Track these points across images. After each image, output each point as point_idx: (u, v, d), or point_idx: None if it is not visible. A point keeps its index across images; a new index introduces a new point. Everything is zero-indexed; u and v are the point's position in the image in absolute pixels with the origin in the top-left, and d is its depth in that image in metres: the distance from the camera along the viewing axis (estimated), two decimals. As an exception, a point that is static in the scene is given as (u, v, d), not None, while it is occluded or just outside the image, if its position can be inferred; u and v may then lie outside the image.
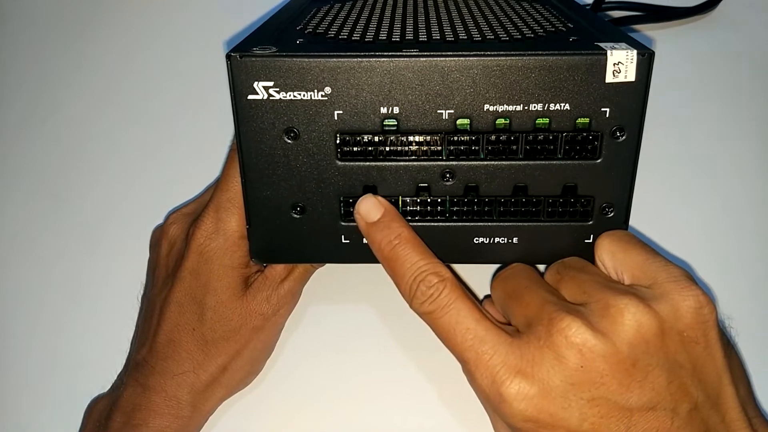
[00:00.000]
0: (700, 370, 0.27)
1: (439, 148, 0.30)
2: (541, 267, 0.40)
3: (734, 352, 0.34)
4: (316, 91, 0.29)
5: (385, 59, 0.28)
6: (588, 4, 0.52)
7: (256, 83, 0.29)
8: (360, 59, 0.28)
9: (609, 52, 0.28)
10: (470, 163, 0.30)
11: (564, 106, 0.29)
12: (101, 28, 0.55)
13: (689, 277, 0.28)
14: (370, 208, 0.31)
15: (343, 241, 0.32)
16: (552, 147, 0.30)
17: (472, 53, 0.28)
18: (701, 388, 0.27)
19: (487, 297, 0.35)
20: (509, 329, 0.29)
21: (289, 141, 0.30)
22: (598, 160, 0.30)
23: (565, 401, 0.26)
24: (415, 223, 0.32)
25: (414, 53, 0.28)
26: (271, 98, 0.29)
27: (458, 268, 0.39)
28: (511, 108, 0.29)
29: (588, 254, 0.32)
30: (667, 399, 0.26)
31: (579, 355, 0.26)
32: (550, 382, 0.26)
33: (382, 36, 0.32)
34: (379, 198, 0.31)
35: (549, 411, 0.26)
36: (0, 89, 0.52)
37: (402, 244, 0.30)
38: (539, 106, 0.29)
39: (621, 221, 0.31)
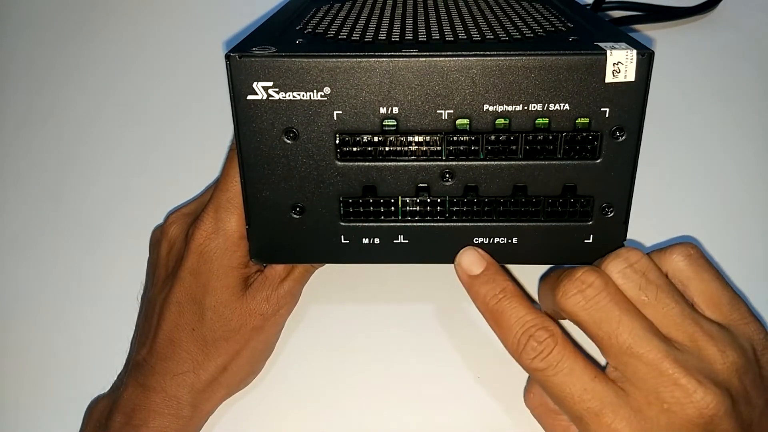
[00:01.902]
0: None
1: (439, 148, 0.30)
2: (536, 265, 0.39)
3: None
4: (315, 91, 0.29)
5: (384, 59, 0.28)
6: (588, 4, 0.52)
7: (255, 83, 0.29)
8: (359, 59, 0.28)
9: (609, 51, 0.28)
10: (470, 163, 0.30)
11: (564, 106, 0.29)
12: (101, 28, 0.55)
13: (751, 313, 0.30)
14: (472, 262, 0.31)
15: (343, 241, 0.32)
16: (552, 147, 0.30)
17: (471, 53, 0.28)
18: None
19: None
20: (617, 377, 0.28)
21: (289, 141, 0.30)
22: (598, 160, 0.30)
23: None
24: (414, 223, 0.32)
25: (413, 53, 0.28)
26: (270, 98, 0.29)
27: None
28: (510, 108, 0.29)
29: (588, 254, 0.32)
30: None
31: (709, 425, 0.27)
32: None
33: (382, 36, 0.32)
34: (480, 251, 0.31)
35: None
36: (0, 89, 0.52)
37: (508, 297, 0.30)
38: (539, 106, 0.29)
39: (621, 221, 0.31)
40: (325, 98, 0.29)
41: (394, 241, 0.32)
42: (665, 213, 0.43)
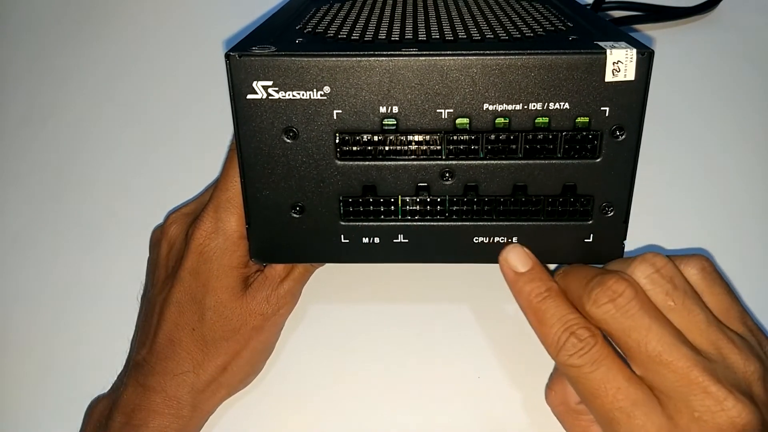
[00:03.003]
0: None
1: (439, 147, 0.30)
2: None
3: None
4: (315, 90, 0.29)
5: (384, 58, 0.28)
6: (588, 4, 0.52)
7: (255, 83, 0.29)
8: (359, 58, 0.28)
9: (608, 51, 0.28)
10: (470, 162, 0.30)
11: (563, 105, 0.29)
12: (101, 28, 0.55)
13: (757, 327, 0.31)
14: (519, 259, 0.31)
15: (343, 240, 0.32)
16: (551, 146, 0.30)
17: (471, 52, 0.28)
18: None
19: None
20: (646, 379, 0.29)
21: (289, 140, 0.30)
22: (598, 160, 0.30)
23: None
24: (414, 223, 0.32)
25: (413, 52, 0.28)
26: (270, 98, 0.29)
27: (459, 267, 0.39)
28: (510, 107, 0.29)
29: (587, 254, 0.32)
30: None
31: None
32: None
33: (382, 35, 0.32)
34: (527, 250, 0.32)
35: None
36: (0, 89, 0.52)
37: (552, 296, 0.30)
38: (539, 105, 0.29)
39: (621, 221, 0.31)
40: (325, 97, 0.29)
41: (394, 241, 0.32)
42: (665, 212, 0.43)
